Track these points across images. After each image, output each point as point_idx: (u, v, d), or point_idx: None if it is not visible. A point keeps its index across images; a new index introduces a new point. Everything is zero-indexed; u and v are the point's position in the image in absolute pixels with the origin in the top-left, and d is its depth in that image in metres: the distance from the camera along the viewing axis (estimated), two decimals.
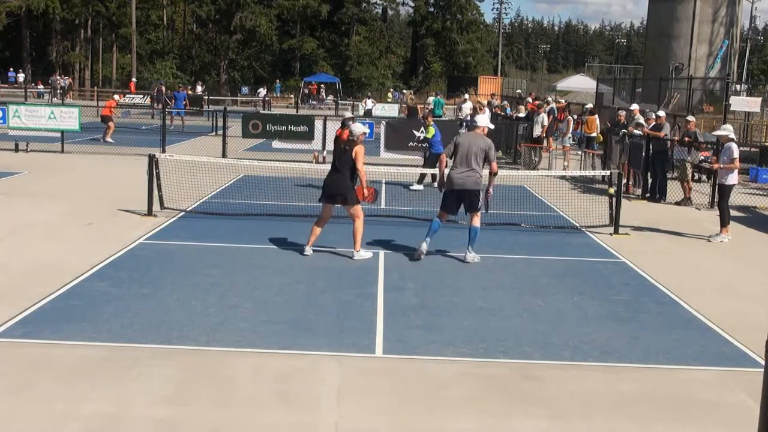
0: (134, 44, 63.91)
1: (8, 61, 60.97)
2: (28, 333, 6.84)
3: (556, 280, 9.39)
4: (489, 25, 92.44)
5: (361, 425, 5.33)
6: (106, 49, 68.75)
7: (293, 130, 20.99)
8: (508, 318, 7.81)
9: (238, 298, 8.10)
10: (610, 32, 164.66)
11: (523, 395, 5.91)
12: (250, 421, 5.31)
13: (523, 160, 21.56)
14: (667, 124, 17.77)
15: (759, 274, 10.32)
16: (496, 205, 14.25)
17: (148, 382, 5.87)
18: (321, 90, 61.14)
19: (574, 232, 12.57)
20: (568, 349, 6.93)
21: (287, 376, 6.10)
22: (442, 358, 6.61)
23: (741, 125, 26.30)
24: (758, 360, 6.75)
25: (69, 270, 8.85)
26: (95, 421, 5.20)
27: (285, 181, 16.16)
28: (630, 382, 6.26)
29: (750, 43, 67.91)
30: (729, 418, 5.67)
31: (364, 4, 76.70)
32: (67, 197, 13.99)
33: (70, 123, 21.19)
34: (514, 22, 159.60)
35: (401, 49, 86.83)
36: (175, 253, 10.01)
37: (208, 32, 70.75)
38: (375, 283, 8.88)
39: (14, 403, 5.43)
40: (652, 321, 7.91)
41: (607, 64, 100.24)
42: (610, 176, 13.29)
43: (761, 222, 14.45)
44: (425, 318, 7.68)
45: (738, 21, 30.93)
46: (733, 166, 12.36)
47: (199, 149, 20.89)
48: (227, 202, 13.96)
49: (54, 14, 59.25)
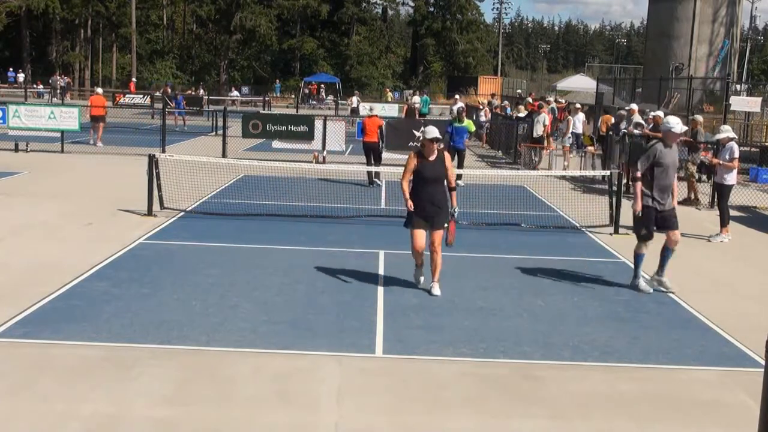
0: (134, 44, 63.95)
1: (8, 61, 61.00)
2: (28, 333, 6.84)
3: (556, 280, 9.39)
4: (489, 25, 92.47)
5: (361, 425, 5.33)
6: (106, 49, 68.77)
7: (293, 130, 21.00)
8: (508, 318, 7.81)
9: (238, 298, 8.10)
10: (610, 32, 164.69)
11: (523, 395, 5.91)
12: (250, 421, 5.31)
13: (523, 160, 21.56)
14: None
15: (759, 274, 10.32)
16: (496, 205, 14.30)
17: (148, 382, 5.87)
18: (321, 90, 61.15)
19: (574, 232, 12.57)
20: (568, 349, 6.93)
21: (287, 376, 6.09)
22: (442, 358, 6.61)
23: (741, 125, 26.30)
24: (758, 360, 6.75)
25: (69, 270, 8.85)
26: (95, 421, 5.20)
27: (285, 181, 16.17)
28: (630, 382, 6.26)
29: (750, 43, 67.92)
30: (729, 418, 5.67)
31: (364, 4, 76.70)
32: (67, 197, 13.98)
33: (70, 123, 21.18)
34: (514, 22, 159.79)
35: (401, 49, 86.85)
36: (175, 253, 10.01)
37: (208, 32, 70.76)
38: (375, 283, 8.88)
39: (14, 403, 5.43)
40: (652, 321, 7.91)
41: (607, 64, 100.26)
42: (610, 176, 13.28)
43: (761, 222, 14.45)
44: (425, 318, 7.68)
45: (738, 21, 30.92)
46: (732, 165, 12.36)
47: (199, 149, 20.89)
48: (227, 202, 13.95)
49: (54, 14, 59.30)
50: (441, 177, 8.28)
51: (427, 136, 8.23)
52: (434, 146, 8.24)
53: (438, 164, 8.27)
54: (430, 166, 8.23)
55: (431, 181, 8.22)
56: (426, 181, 8.22)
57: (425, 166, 8.23)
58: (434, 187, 8.26)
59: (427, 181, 8.22)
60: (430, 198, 8.23)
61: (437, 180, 8.26)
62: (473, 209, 13.85)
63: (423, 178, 8.20)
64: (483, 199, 14.66)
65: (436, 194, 8.26)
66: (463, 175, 17.19)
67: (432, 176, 8.22)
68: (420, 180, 8.23)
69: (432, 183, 8.24)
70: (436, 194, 8.27)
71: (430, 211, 8.24)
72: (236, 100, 49.03)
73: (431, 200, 8.23)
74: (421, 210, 8.24)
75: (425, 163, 8.23)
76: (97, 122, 23.62)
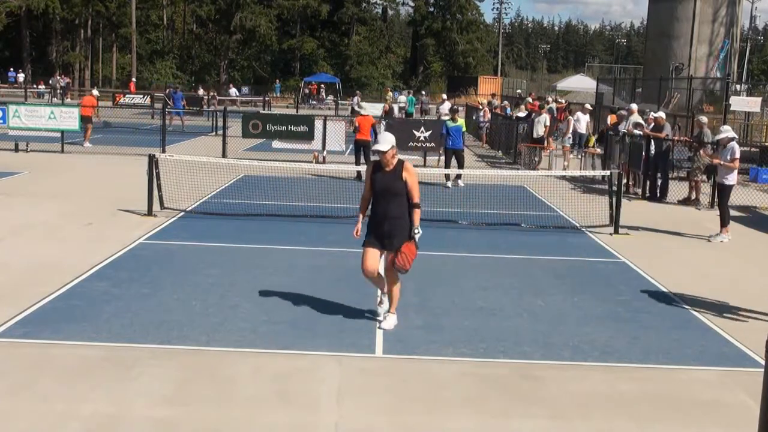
0: (134, 44, 63.96)
1: (8, 61, 61.00)
2: (28, 333, 6.84)
3: (556, 280, 9.39)
4: (489, 25, 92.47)
5: (361, 425, 5.33)
6: (106, 49, 68.79)
7: (293, 130, 20.99)
8: (508, 318, 7.81)
9: (238, 298, 8.10)
10: (610, 32, 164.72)
11: (522, 395, 5.91)
12: (250, 421, 5.31)
13: (523, 160, 21.56)
14: (667, 124, 17.77)
15: (759, 274, 10.32)
16: (496, 205, 14.30)
17: (148, 382, 5.87)
18: (321, 90, 61.14)
19: (574, 232, 12.57)
20: (568, 349, 6.93)
21: (287, 376, 6.10)
22: (442, 358, 6.61)
23: (741, 125, 26.29)
24: (758, 360, 6.75)
25: (69, 270, 8.85)
26: (95, 421, 5.20)
27: (285, 181, 16.17)
28: (630, 382, 6.26)
29: (750, 43, 67.91)
30: (729, 418, 5.67)
31: (364, 4, 76.71)
32: (67, 197, 13.98)
33: (70, 123, 21.17)
34: (514, 22, 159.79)
35: (401, 49, 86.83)
36: (175, 253, 10.01)
37: (208, 32, 70.78)
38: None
39: (14, 403, 5.43)
40: (652, 321, 7.91)
41: (607, 64, 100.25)
42: (610, 176, 13.29)
43: (761, 222, 14.45)
44: (425, 318, 7.68)
45: (738, 21, 30.89)
46: (733, 165, 12.37)
47: (199, 149, 20.90)
48: (227, 202, 13.95)
49: (54, 14, 59.31)
50: (398, 191, 7.16)
51: (375, 148, 7.34)
52: (390, 156, 7.15)
53: (394, 176, 7.16)
54: (385, 178, 7.19)
55: (386, 196, 7.17)
56: (380, 195, 7.20)
57: (379, 178, 7.22)
58: (390, 203, 7.16)
59: (382, 195, 7.19)
60: (383, 214, 7.19)
61: (393, 194, 7.16)
62: (473, 209, 13.87)
63: (376, 191, 7.22)
64: (483, 199, 14.67)
65: (391, 211, 7.17)
66: (463, 175, 17.22)
67: (386, 189, 7.16)
68: (375, 194, 7.26)
69: (387, 197, 7.17)
70: (391, 211, 7.17)
71: (384, 230, 7.19)
72: (236, 100, 48.98)
73: (385, 217, 7.18)
74: (374, 227, 7.28)
75: (379, 175, 7.23)
76: (84, 123, 23.24)
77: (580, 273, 9.81)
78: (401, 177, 7.17)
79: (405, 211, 7.23)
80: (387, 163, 7.19)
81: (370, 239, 7.30)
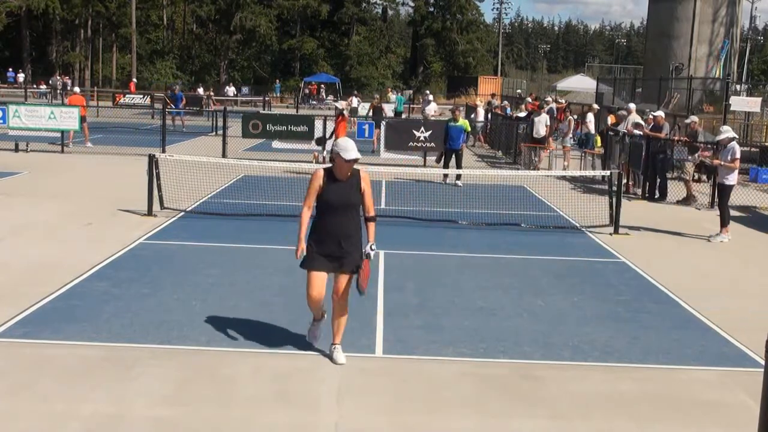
0: (134, 44, 63.93)
1: (8, 61, 60.94)
2: (28, 333, 6.84)
3: (556, 280, 9.39)
4: (489, 25, 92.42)
5: (361, 425, 5.33)
6: (106, 49, 68.75)
7: (293, 130, 21.00)
8: (508, 318, 7.81)
9: (238, 298, 8.10)
10: (610, 32, 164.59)
11: (523, 395, 5.91)
12: (250, 421, 5.31)
13: (523, 160, 21.56)
14: (666, 124, 17.78)
15: (759, 274, 10.32)
16: (496, 205, 14.30)
17: (148, 382, 5.87)
18: (321, 90, 61.14)
19: (574, 232, 12.57)
20: (568, 349, 6.93)
21: (287, 376, 6.10)
22: (442, 358, 6.61)
23: (741, 125, 26.28)
24: (758, 360, 6.75)
25: (69, 270, 8.85)
26: (95, 421, 5.20)
27: (285, 181, 16.17)
28: (630, 382, 6.26)
29: (750, 43, 67.89)
30: (729, 418, 5.67)
31: (364, 4, 76.64)
32: (67, 197, 13.98)
33: (70, 123, 21.17)
34: (514, 22, 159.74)
35: (401, 49, 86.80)
36: (175, 253, 10.01)
37: (208, 32, 70.75)
38: (375, 283, 8.86)
39: (14, 403, 5.43)
40: (652, 321, 7.91)
41: (607, 64, 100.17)
42: (610, 176, 13.29)
43: (761, 222, 14.45)
44: (425, 318, 7.68)
45: (738, 21, 30.91)
46: (733, 165, 12.37)
47: (199, 149, 20.90)
48: (227, 202, 13.95)
49: (54, 14, 59.28)
50: (353, 204, 6.24)
51: (345, 156, 6.09)
52: (349, 167, 6.18)
53: (351, 187, 6.21)
54: (340, 189, 6.18)
55: (340, 209, 6.19)
56: (332, 208, 6.19)
57: (332, 189, 6.18)
58: (344, 217, 6.21)
59: (335, 208, 6.18)
60: (336, 231, 6.19)
61: (348, 207, 6.22)
62: (473, 209, 13.87)
63: (329, 204, 6.18)
64: (483, 199, 14.68)
65: (345, 227, 6.21)
66: (463, 175, 17.21)
67: (341, 203, 6.18)
68: (325, 207, 6.22)
69: (341, 211, 6.20)
70: (346, 227, 6.21)
71: (336, 249, 6.19)
72: (234, 100, 48.93)
73: (339, 234, 6.19)
74: (324, 247, 6.21)
75: (333, 186, 6.18)
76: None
77: (580, 273, 9.81)
78: (359, 188, 6.24)
79: (359, 227, 6.33)
80: (344, 172, 6.19)
81: (319, 261, 6.23)
